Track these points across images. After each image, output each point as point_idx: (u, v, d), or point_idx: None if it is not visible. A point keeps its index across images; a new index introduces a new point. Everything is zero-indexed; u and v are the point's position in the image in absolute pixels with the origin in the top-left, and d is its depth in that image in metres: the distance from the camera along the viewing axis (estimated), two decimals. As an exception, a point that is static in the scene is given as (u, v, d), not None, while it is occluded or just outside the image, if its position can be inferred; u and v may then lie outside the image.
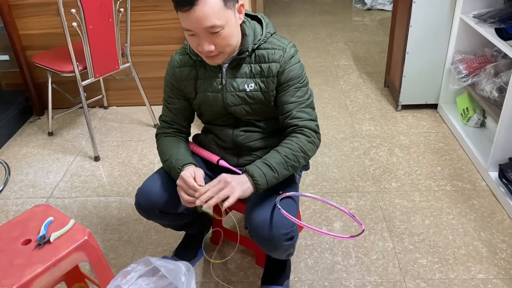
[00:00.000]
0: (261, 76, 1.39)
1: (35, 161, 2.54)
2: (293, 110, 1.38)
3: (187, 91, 1.47)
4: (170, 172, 1.44)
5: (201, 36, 1.25)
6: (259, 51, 1.38)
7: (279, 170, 1.32)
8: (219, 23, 1.22)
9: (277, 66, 1.37)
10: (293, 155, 1.34)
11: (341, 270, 1.75)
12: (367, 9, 4.92)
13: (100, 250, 1.36)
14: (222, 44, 1.28)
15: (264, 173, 1.29)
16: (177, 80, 1.46)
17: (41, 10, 2.74)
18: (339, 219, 2.00)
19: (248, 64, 1.39)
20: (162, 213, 1.47)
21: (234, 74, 1.40)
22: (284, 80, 1.38)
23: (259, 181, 1.28)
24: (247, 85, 1.39)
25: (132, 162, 2.48)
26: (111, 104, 3.08)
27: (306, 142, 1.36)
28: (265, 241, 1.35)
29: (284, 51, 1.37)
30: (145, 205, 1.46)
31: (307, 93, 1.42)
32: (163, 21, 2.74)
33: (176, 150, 1.47)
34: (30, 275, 1.19)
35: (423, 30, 2.56)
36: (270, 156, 1.33)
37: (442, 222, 1.96)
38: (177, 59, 1.46)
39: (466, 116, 2.53)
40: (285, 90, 1.39)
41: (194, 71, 1.43)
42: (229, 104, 1.42)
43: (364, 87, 3.20)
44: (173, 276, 1.21)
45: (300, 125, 1.37)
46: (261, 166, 1.30)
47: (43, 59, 2.52)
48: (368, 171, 2.31)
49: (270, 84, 1.38)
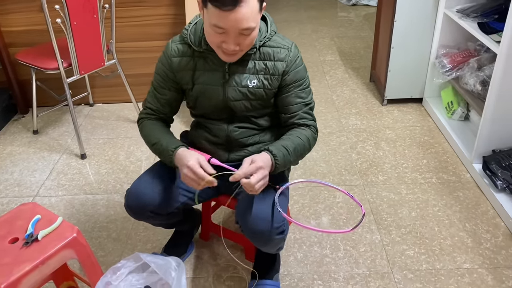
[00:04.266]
0: (265, 73, 1.39)
1: (20, 160, 2.51)
2: (299, 111, 1.44)
3: (183, 82, 1.45)
4: (160, 155, 1.42)
5: (231, 36, 1.24)
6: (264, 48, 1.39)
7: (292, 158, 1.38)
8: (253, 25, 1.24)
9: (283, 65, 1.39)
10: (303, 147, 1.41)
11: (330, 263, 1.77)
12: (352, 5, 4.94)
13: (89, 247, 1.35)
14: (247, 44, 1.29)
15: (284, 159, 1.34)
16: (174, 70, 1.44)
17: (23, 6, 2.69)
18: (327, 212, 2.02)
19: (253, 60, 1.39)
20: (153, 214, 1.45)
21: (238, 69, 1.39)
22: (290, 81, 1.41)
23: (279, 166, 1.33)
24: (249, 81, 1.40)
25: (119, 160, 2.46)
26: (96, 101, 3.05)
27: (312, 139, 1.45)
28: (257, 235, 1.35)
29: (289, 51, 1.39)
30: (135, 207, 1.44)
31: (310, 94, 1.46)
32: (148, 17, 2.72)
33: (163, 134, 1.45)
34: (18, 273, 1.18)
35: (408, 25, 2.59)
36: (288, 143, 1.38)
37: (428, 214, 1.99)
38: (175, 48, 1.43)
39: (451, 110, 2.57)
40: (290, 91, 1.42)
41: (192, 61, 1.42)
42: (230, 99, 1.41)
43: (350, 82, 3.22)
44: (163, 272, 1.21)
45: (308, 124, 1.45)
46: (283, 150, 1.35)
47: (26, 56, 2.49)
48: (355, 165, 2.33)
49: (274, 82, 1.40)
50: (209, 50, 1.37)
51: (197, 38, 1.39)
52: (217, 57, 1.37)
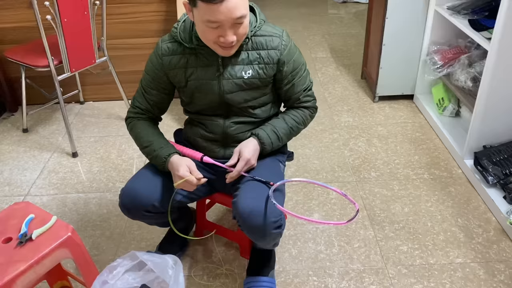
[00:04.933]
0: (260, 62, 1.40)
1: (9, 159, 2.47)
2: (300, 96, 1.52)
3: (176, 80, 1.44)
4: (152, 160, 1.44)
5: (226, 28, 1.24)
6: (255, 38, 1.39)
7: (283, 139, 1.50)
8: (245, 12, 1.25)
9: (277, 53, 1.40)
10: (297, 127, 1.53)
11: (324, 259, 1.78)
12: (342, 2, 4.96)
13: (83, 247, 1.34)
14: (242, 33, 1.29)
15: (272, 141, 1.47)
16: (165, 69, 1.43)
17: (12, 2, 2.65)
18: (320, 209, 2.03)
19: (246, 51, 1.39)
20: (148, 213, 1.44)
21: (232, 61, 1.39)
22: (289, 71, 1.45)
23: (266, 148, 1.46)
24: (244, 72, 1.40)
25: (111, 158, 2.44)
26: (87, 99, 3.02)
27: (309, 117, 1.57)
28: (254, 229, 1.35)
29: (281, 38, 1.41)
30: (130, 207, 1.43)
31: (307, 76, 1.52)
32: (139, 14, 2.69)
33: (155, 137, 1.47)
34: (12, 273, 1.17)
35: (399, 22, 2.60)
36: (278, 126, 1.48)
37: (421, 210, 2.00)
38: (165, 47, 1.42)
39: (442, 106, 2.59)
40: (291, 82, 1.47)
41: (183, 59, 1.41)
42: (226, 92, 1.41)
43: (342, 79, 3.23)
44: (160, 270, 1.20)
45: (308, 105, 1.54)
46: (270, 134, 1.47)
47: (16, 54, 2.45)
48: (348, 161, 2.35)
49: (269, 70, 1.41)
50: (201, 46, 1.37)
51: (187, 34, 1.39)
52: (210, 52, 1.37)
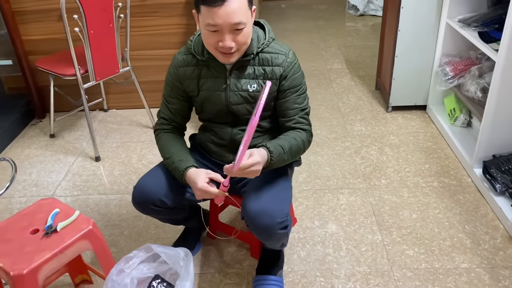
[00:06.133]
0: (264, 78, 1.49)
1: (37, 162, 2.62)
2: (296, 116, 1.53)
3: (189, 90, 1.55)
4: (172, 171, 1.53)
5: (224, 32, 1.33)
6: (262, 54, 1.48)
7: (287, 157, 1.48)
8: (244, 20, 1.33)
9: (280, 69, 1.48)
10: (298, 147, 1.51)
11: (332, 261, 1.84)
12: (360, 15, 5.03)
13: (103, 239, 1.44)
14: (242, 42, 1.37)
15: (279, 157, 1.44)
16: (180, 79, 1.55)
17: (43, 16, 2.83)
18: (330, 214, 2.09)
19: (252, 66, 1.49)
20: (157, 207, 1.54)
21: (238, 75, 1.49)
22: (287, 87, 1.50)
23: (274, 162, 1.42)
24: (249, 86, 1.49)
25: (131, 162, 2.57)
26: (111, 107, 3.17)
27: (307, 141, 1.56)
28: (260, 229, 1.44)
29: (287, 56, 1.49)
30: (139, 200, 1.54)
31: (306, 99, 1.56)
32: (161, 27, 2.84)
33: (176, 148, 1.56)
34: (39, 260, 1.28)
35: (411, 34, 2.67)
36: (284, 143, 1.47)
37: (428, 216, 2.05)
38: (180, 59, 1.54)
39: (453, 116, 2.63)
40: (287, 97, 1.52)
41: (197, 70, 1.52)
42: (232, 103, 1.51)
43: (356, 89, 3.30)
44: (172, 261, 1.29)
45: (304, 128, 1.55)
46: (277, 147, 1.44)
47: (45, 63, 2.62)
48: (359, 169, 2.41)
49: (273, 86, 1.49)
50: (211, 58, 1.48)
51: (200, 47, 1.50)
52: (219, 64, 1.48)
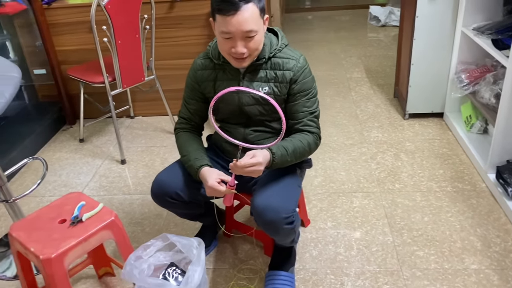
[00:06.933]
0: (275, 81, 1.58)
1: (67, 164, 2.79)
2: (304, 118, 1.61)
3: (206, 91, 1.67)
4: (188, 168, 1.64)
5: (237, 39, 1.44)
6: (274, 59, 1.58)
7: (290, 158, 1.56)
8: (255, 28, 1.44)
9: (290, 73, 1.57)
10: (303, 149, 1.58)
11: (342, 260, 1.90)
12: (381, 26, 5.09)
13: (124, 230, 1.56)
14: (253, 48, 1.48)
15: (281, 154, 1.53)
16: (198, 82, 1.66)
17: (75, 28, 3.02)
18: (343, 215, 2.15)
19: (264, 70, 1.59)
20: (173, 200, 1.64)
21: (251, 78, 1.59)
22: (297, 90, 1.59)
23: (276, 163, 1.52)
24: (261, 88, 1.59)
25: (155, 165, 2.70)
26: (137, 114, 3.33)
27: (313, 144, 1.62)
28: (266, 224, 1.52)
29: (297, 61, 1.58)
30: (157, 192, 1.65)
31: (315, 103, 1.63)
32: (184, 37, 2.98)
33: (193, 147, 1.67)
34: (65, 247, 1.40)
35: (427, 43, 2.72)
36: (286, 144, 1.55)
37: (440, 219, 2.08)
38: (199, 63, 1.66)
39: (469, 123, 2.65)
40: (297, 100, 1.60)
41: (213, 73, 1.64)
42: (244, 104, 1.61)
43: (375, 97, 3.35)
44: (186, 250, 1.39)
45: (311, 131, 1.62)
46: (280, 148, 1.53)
47: (76, 72, 2.79)
48: (374, 173, 2.46)
49: (283, 89, 1.58)
50: (226, 62, 1.59)
51: (217, 52, 1.61)
52: (233, 68, 1.58)
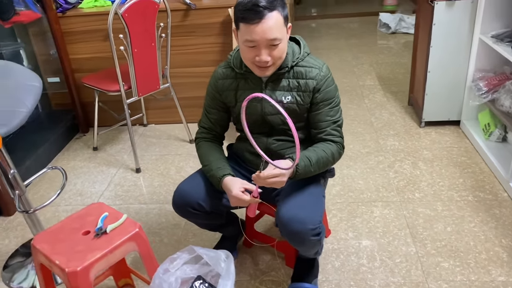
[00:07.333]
0: (298, 90, 1.56)
1: (81, 173, 2.77)
2: (328, 128, 1.59)
3: (228, 100, 1.65)
4: (210, 178, 1.62)
5: (261, 48, 1.43)
6: (297, 68, 1.56)
7: (314, 169, 1.54)
8: (280, 36, 1.43)
9: (313, 82, 1.55)
10: (327, 159, 1.57)
11: (366, 272, 1.87)
12: (391, 33, 5.07)
13: (148, 242, 1.53)
14: (277, 56, 1.47)
15: (305, 168, 1.51)
16: (219, 91, 1.65)
17: (89, 36, 3.02)
18: (364, 225, 2.12)
19: (287, 78, 1.57)
20: (195, 210, 1.62)
21: (274, 87, 1.58)
22: (320, 99, 1.57)
23: (299, 174, 1.50)
24: (284, 97, 1.57)
25: (170, 174, 2.67)
26: (150, 121, 3.31)
27: (337, 153, 1.61)
28: (292, 235, 1.49)
29: (320, 70, 1.56)
30: (179, 203, 1.64)
31: (338, 112, 1.61)
32: (199, 46, 2.97)
33: (214, 157, 1.65)
34: (91, 259, 1.37)
35: (444, 50, 2.70)
36: (309, 154, 1.53)
37: (463, 229, 2.05)
38: (221, 72, 1.65)
39: (488, 131, 2.62)
40: (320, 109, 1.58)
41: (235, 82, 1.62)
42: (267, 113, 1.59)
43: (389, 105, 3.33)
44: (213, 263, 1.36)
45: (335, 140, 1.60)
46: (304, 158, 1.51)
47: (91, 80, 2.78)
48: (392, 182, 2.43)
49: (306, 98, 1.56)
50: (249, 72, 1.57)
51: (239, 62, 1.60)
52: (256, 77, 1.57)
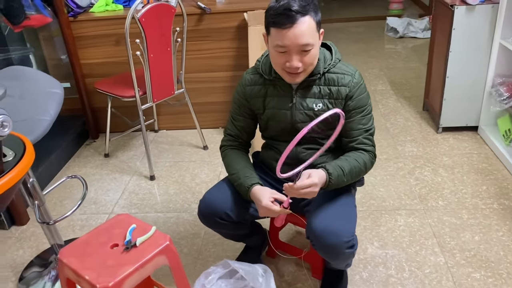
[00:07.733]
0: (330, 97, 1.51)
1: (94, 180, 2.71)
2: (360, 136, 1.54)
3: (255, 107, 1.60)
4: (237, 187, 1.57)
5: (292, 53, 1.38)
6: (329, 74, 1.51)
7: (346, 179, 1.48)
8: (312, 41, 1.37)
9: (346, 90, 1.50)
10: (359, 169, 1.51)
11: (395, 283, 1.82)
12: (399, 37, 5.05)
13: (178, 255, 1.47)
14: (308, 62, 1.41)
15: (338, 178, 1.46)
16: (247, 98, 1.60)
17: (101, 41, 2.96)
18: (389, 235, 2.08)
19: (318, 85, 1.52)
20: (222, 220, 1.57)
21: (304, 94, 1.53)
22: (353, 107, 1.52)
23: (332, 184, 1.45)
24: (315, 105, 1.52)
25: (185, 181, 2.62)
26: (161, 127, 3.26)
27: (369, 163, 1.55)
28: (326, 248, 1.44)
29: (353, 77, 1.50)
30: (206, 213, 1.59)
31: (370, 120, 1.56)
32: (214, 50, 2.92)
33: (241, 165, 1.60)
34: (122, 274, 1.31)
35: (463, 55, 2.66)
36: (344, 164, 1.48)
37: (492, 239, 2.00)
38: (248, 78, 1.60)
39: (509, 137, 2.59)
40: (352, 117, 1.53)
41: (263, 89, 1.57)
42: (297, 121, 1.54)
43: (403, 110, 3.29)
44: (251, 277, 1.31)
45: (367, 149, 1.55)
46: (337, 168, 1.46)
47: (104, 86, 2.72)
48: (414, 190, 2.38)
49: (338, 105, 1.51)
50: (278, 78, 1.52)
51: (268, 67, 1.55)
52: (285, 83, 1.51)
